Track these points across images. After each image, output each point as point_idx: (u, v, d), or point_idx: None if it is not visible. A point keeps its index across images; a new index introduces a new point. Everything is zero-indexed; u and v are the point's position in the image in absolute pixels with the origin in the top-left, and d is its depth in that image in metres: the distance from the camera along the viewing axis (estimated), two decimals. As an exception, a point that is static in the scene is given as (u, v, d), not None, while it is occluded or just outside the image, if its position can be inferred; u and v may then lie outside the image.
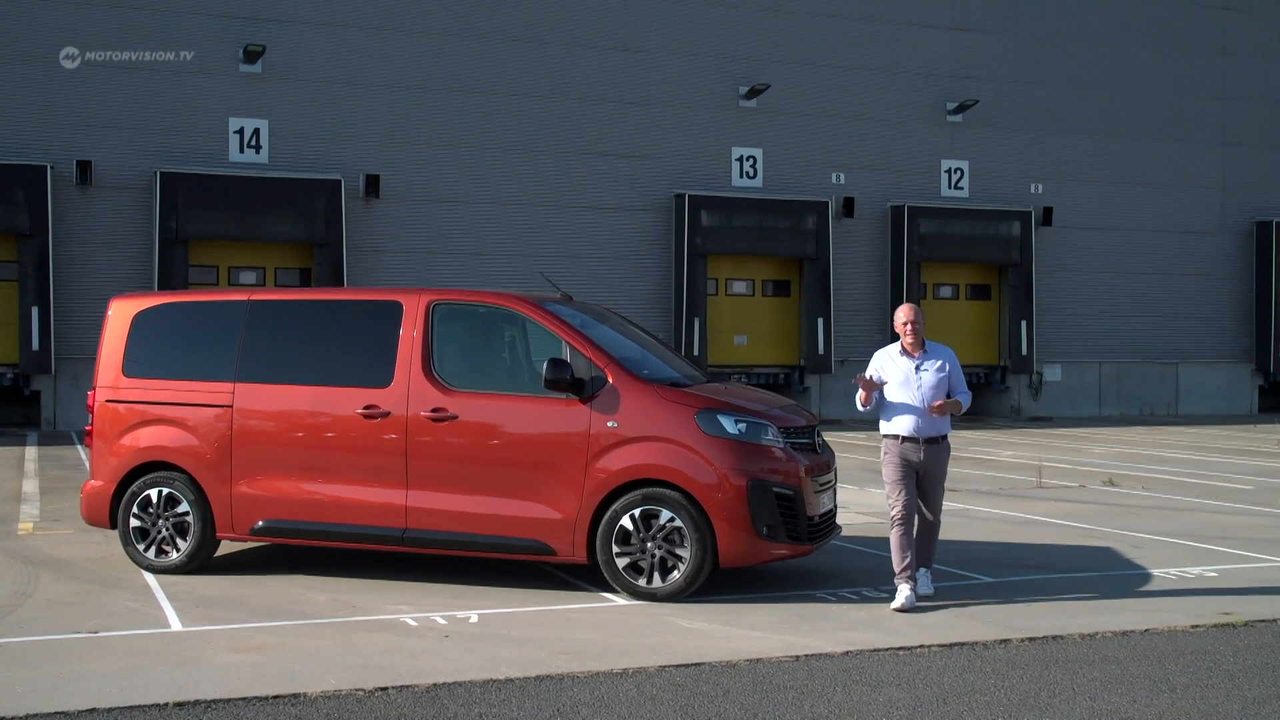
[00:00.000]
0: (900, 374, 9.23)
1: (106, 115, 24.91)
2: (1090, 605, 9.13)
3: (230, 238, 25.79)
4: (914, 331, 9.24)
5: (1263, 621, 8.61)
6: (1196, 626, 8.46)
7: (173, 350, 10.55)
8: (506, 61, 27.40)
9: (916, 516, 9.30)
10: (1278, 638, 8.19)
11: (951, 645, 7.91)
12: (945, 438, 9.35)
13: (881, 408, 9.34)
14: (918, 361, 9.23)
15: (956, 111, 30.70)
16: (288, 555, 10.82)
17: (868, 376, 9.24)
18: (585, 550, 9.23)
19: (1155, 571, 10.42)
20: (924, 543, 9.44)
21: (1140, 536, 12.20)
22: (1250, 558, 11.15)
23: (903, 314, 9.29)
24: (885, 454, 9.26)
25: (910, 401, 9.16)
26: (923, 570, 9.40)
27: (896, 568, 9.08)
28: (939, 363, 9.27)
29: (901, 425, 9.18)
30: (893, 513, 9.17)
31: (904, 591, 8.98)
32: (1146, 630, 8.34)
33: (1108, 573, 10.42)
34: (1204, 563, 10.82)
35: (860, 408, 9.41)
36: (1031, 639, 8.08)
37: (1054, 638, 8.12)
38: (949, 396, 9.31)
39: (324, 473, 9.77)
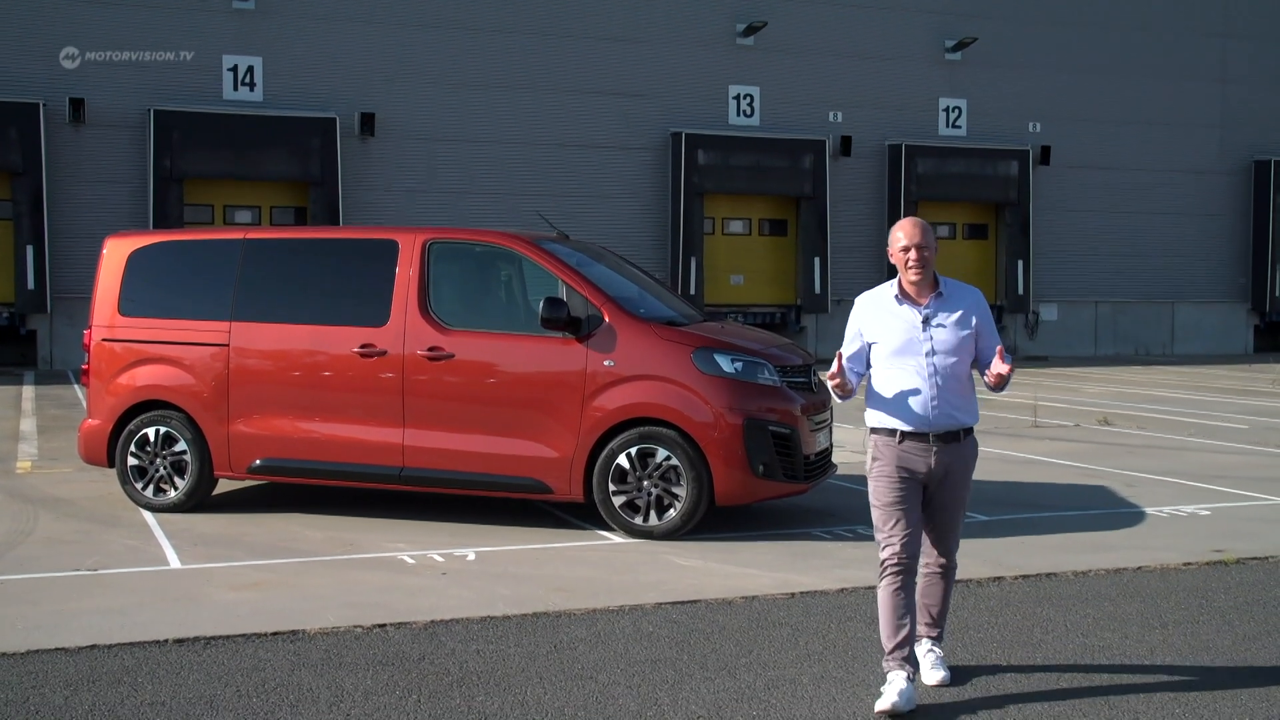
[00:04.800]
0: (900, 332, 5.82)
1: (99, 51, 24.71)
2: (1084, 543, 9.18)
3: (225, 176, 25.69)
4: (921, 262, 5.77)
5: (1254, 559, 8.67)
6: (1189, 564, 8.51)
7: (168, 289, 10.53)
8: (502, -2, 27.18)
9: (920, 561, 5.95)
10: (1269, 575, 8.25)
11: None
12: (970, 432, 5.97)
13: (869, 386, 6.02)
14: (928, 310, 5.81)
15: (955, 49, 30.50)
16: (285, 494, 10.86)
17: (843, 364, 5.81)
18: (582, 489, 9.27)
19: (1149, 510, 10.47)
20: (932, 600, 6.10)
21: (1134, 475, 12.25)
22: (1243, 496, 11.21)
23: (905, 234, 5.81)
24: (874, 461, 5.93)
25: (916, 375, 5.79)
26: (929, 645, 6.09)
27: (886, 644, 5.78)
28: (958, 312, 5.84)
29: (902, 414, 5.83)
30: (882, 555, 5.82)
31: (897, 683, 5.67)
32: (1139, 568, 8.39)
33: (1101, 511, 10.47)
34: (1197, 501, 10.88)
35: (838, 397, 5.98)
36: (1025, 576, 8.13)
37: (1047, 575, 8.17)
38: (978, 365, 5.94)
39: (321, 411, 9.78)
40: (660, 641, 6.65)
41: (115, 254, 10.58)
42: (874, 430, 5.95)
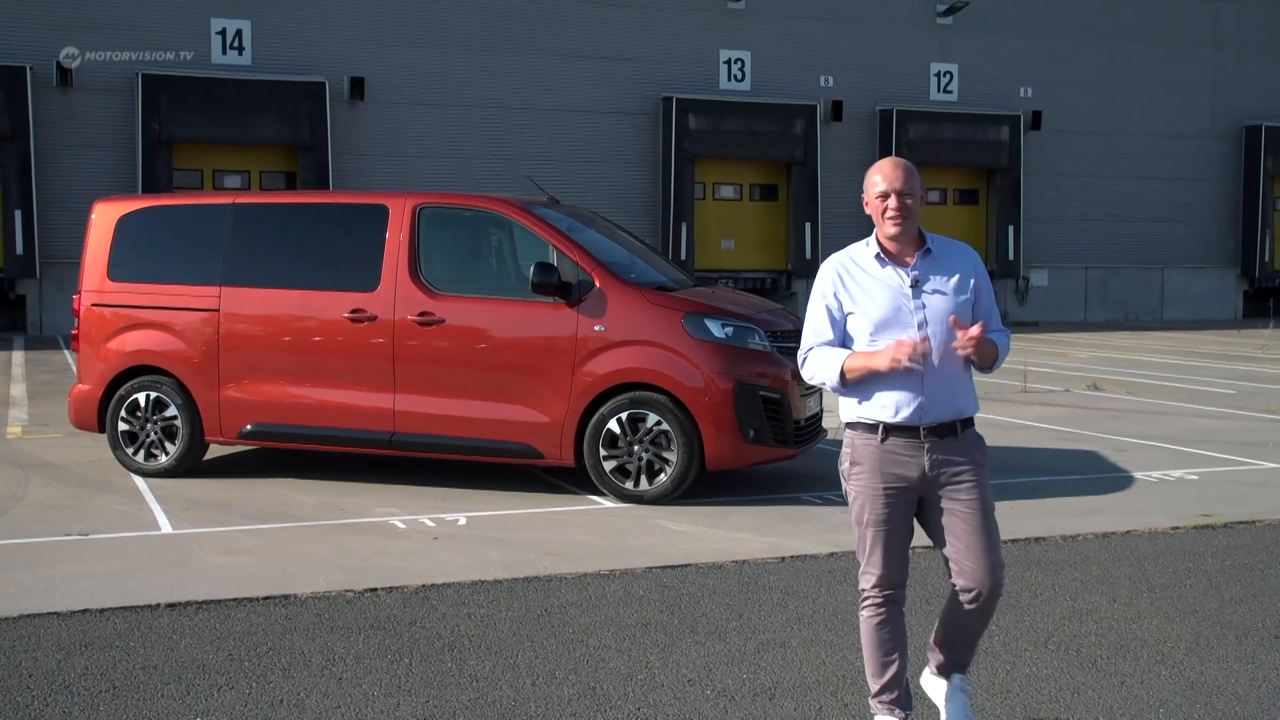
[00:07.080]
0: (885, 299, 4.63)
1: (86, 15, 24.52)
2: (1072, 507, 9.22)
3: (214, 141, 25.56)
4: (903, 212, 4.57)
5: (1241, 523, 8.72)
6: (1176, 528, 8.56)
7: (158, 254, 10.50)
8: (492, -39, 27.00)
9: (958, 585, 4.76)
10: (1255, 539, 8.30)
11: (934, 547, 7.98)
12: (970, 423, 4.88)
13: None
14: (916, 272, 4.64)
15: (947, 14, 30.38)
16: (276, 459, 10.86)
17: (904, 356, 4.49)
18: (573, 453, 9.29)
19: (1137, 474, 10.51)
20: (954, 633, 4.89)
21: (1123, 440, 12.29)
22: (1231, 460, 11.26)
23: (883, 176, 4.60)
24: (853, 466, 4.78)
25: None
26: (960, 681, 4.90)
27: (872, 683, 4.81)
28: (955, 275, 4.68)
29: (886, 402, 4.63)
30: (861, 583, 4.88)
31: None
32: (1127, 532, 8.44)
33: (1090, 476, 10.52)
34: (1185, 466, 10.93)
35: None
36: (1014, 540, 8.16)
37: (1036, 539, 8.21)
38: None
39: (311, 376, 9.78)
40: (650, 605, 6.68)
41: (104, 219, 10.54)
42: (850, 425, 4.74)
